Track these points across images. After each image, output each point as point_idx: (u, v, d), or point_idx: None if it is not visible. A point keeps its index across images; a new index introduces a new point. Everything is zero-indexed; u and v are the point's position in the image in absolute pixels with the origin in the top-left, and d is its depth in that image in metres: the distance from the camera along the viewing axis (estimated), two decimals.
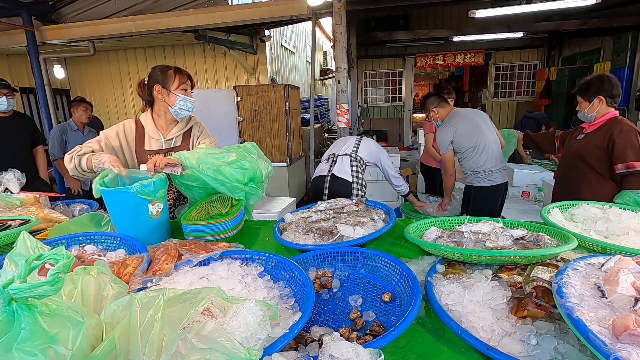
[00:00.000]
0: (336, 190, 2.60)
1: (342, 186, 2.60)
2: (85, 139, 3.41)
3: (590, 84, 2.08)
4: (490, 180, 2.62)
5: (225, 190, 1.48)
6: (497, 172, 2.63)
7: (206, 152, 1.46)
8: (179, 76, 1.68)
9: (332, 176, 2.64)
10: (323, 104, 7.59)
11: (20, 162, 2.40)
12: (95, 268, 0.81)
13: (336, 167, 2.67)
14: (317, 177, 2.74)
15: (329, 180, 2.64)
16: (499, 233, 1.10)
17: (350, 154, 2.70)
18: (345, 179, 2.60)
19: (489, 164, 2.61)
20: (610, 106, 2.06)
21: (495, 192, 2.65)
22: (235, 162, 1.46)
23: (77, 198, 3.43)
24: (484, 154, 2.61)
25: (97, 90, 7.37)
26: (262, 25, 5.93)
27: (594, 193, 1.97)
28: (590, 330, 0.59)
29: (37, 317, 0.57)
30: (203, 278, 0.91)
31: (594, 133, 2.07)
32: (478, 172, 2.64)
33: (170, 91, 1.66)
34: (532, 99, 8.84)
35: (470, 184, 2.71)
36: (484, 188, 2.64)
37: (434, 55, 8.87)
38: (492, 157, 2.62)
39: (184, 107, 1.70)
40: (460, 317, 0.80)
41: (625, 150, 1.91)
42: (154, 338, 0.57)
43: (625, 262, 0.76)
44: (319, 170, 2.79)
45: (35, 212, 1.55)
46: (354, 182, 2.60)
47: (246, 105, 4.52)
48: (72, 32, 5.22)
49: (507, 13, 5.46)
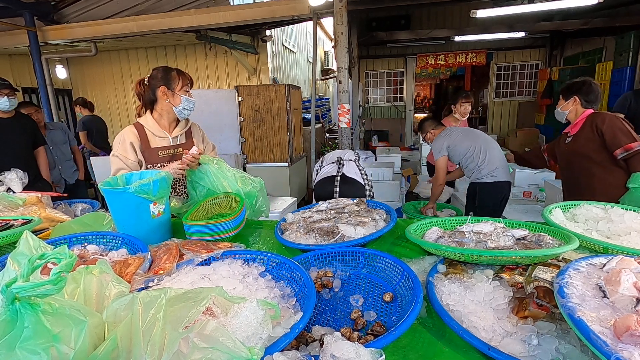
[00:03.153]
0: (347, 191, 2.50)
1: (354, 188, 2.52)
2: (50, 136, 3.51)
3: (571, 85, 2.16)
4: (493, 176, 2.71)
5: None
6: (499, 170, 2.71)
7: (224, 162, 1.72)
8: (182, 78, 1.76)
9: (343, 176, 2.53)
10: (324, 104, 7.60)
11: (21, 163, 2.40)
12: (97, 267, 0.82)
13: (345, 168, 2.59)
14: (323, 179, 2.61)
15: (340, 181, 2.53)
16: (501, 233, 1.10)
17: (355, 160, 2.71)
18: (357, 180, 2.55)
19: (490, 163, 2.71)
20: (584, 108, 2.11)
21: (497, 188, 2.73)
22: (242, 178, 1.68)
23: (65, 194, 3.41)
24: (482, 154, 2.73)
25: (98, 90, 7.39)
26: (264, 25, 5.93)
27: (606, 185, 1.98)
28: (591, 331, 0.59)
29: (39, 316, 0.58)
30: (204, 278, 0.91)
31: (580, 131, 2.09)
32: (480, 169, 2.73)
33: (175, 92, 1.74)
34: (534, 98, 8.82)
35: (474, 181, 2.80)
36: (487, 184, 2.72)
37: (435, 55, 8.86)
38: (493, 157, 2.72)
39: (187, 107, 1.79)
40: (461, 317, 0.80)
41: (616, 134, 1.93)
42: (156, 337, 0.57)
43: (627, 263, 0.76)
44: (324, 172, 2.66)
45: (37, 211, 1.55)
46: (365, 184, 2.56)
47: (247, 105, 4.53)
48: (74, 33, 5.24)
49: (509, 13, 5.45)
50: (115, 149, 1.71)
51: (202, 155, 1.68)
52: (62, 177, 3.65)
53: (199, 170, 1.68)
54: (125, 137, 1.72)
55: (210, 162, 1.67)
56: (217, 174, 1.64)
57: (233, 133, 4.62)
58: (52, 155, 3.54)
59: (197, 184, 1.68)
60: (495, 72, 9.12)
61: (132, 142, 1.71)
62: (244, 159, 4.67)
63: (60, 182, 3.64)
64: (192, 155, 1.62)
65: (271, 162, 4.64)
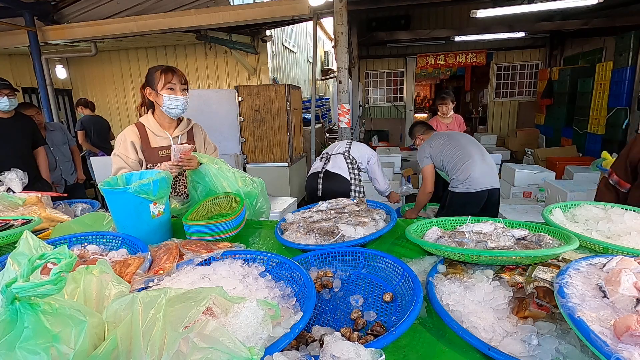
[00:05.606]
0: (330, 187, 2.60)
1: (338, 183, 2.60)
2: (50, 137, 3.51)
3: None
4: (464, 187, 2.54)
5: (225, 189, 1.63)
6: (474, 180, 2.52)
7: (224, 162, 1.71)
8: (164, 75, 1.69)
9: (326, 173, 2.64)
10: (324, 104, 7.60)
11: (21, 163, 2.40)
12: (97, 267, 0.82)
13: (330, 164, 2.68)
14: (310, 175, 2.76)
15: (323, 177, 2.64)
16: (501, 233, 1.10)
17: (343, 152, 2.73)
18: (342, 176, 2.61)
19: (463, 172, 2.54)
20: None
21: (470, 199, 2.55)
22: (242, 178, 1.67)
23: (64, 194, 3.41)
24: (457, 162, 2.57)
25: (98, 90, 7.40)
26: (264, 25, 5.94)
27: None
28: (591, 331, 0.59)
29: (39, 316, 0.58)
30: (204, 278, 0.91)
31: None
32: (454, 178, 2.60)
33: (157, 92, 1.71)
34: (534, 99, 8.83)
35: (449, 189, 2.67)
36: (457, 194, 2.58)
37: (435, 55, 8.87)
38: (470, 165, 2.53)
39: (172, 105, 1.72)
40: (461, 317, 0.80)
41: None
42: (156, 337, 0.57)
43: (627, 263, 0.76)
44: (312, 168, 2.81)
45: (37, 211, 1.55)
46: (351, 179, 2.61)
47: (247, 105, 4.53)
48: (74, 33, 5.24)
49: (509, 13, 5.45)
50: (117, 148, 1.72)
51: (202, 155, 1.68)
52: (63, 177, 3.65)
53: (199, 170, 1.68)
54: (127, 137, 1.73)
55: (210, 162, 1.66)
56: (217, 174, 1.65)
57: (233, 133, 4.62)
58: (53, 155, 3.54)
59: (197, 184, 1.69)
60: (495, 72, 9.13)
61: (133, 142, 1.72)
62: (244, 159, 4.67)
63: (61, 182, 3.64)
64: (182, 154, 1.61)
65: (271, 162, 4.64)
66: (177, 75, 1.71)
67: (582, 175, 4.05)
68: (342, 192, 2.56)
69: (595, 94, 6.30)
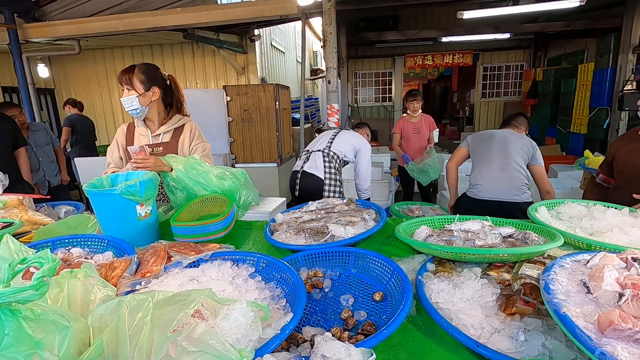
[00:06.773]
0: (306, 187, 2.63)
1: (313, 183, 2.61)
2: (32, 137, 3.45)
3: None
4: (472, 192, 2.47)
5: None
6: (481, 186, 2.42)
7: (196, 161, 1.56)
8: (120, 76, 1.68)
9: (303, 172, 2.67)
10: (313, 104, 7.59)
11: (1, 164, 2.33)
12: (82, 271, 0.80)
13: (308, 163, 2.69)
14: (292, 173, 2.79)
15: (300, 177, 2.67)
16: (488, 231, 1.12)
17: (323, 150, 2.70)
18: (317, 176, 2.61)
19: (475, 176, 2.47)
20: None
21: (474, 204, 2.44)
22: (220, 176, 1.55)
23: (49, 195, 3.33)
24: (476, 164, 2.50)
25: (82, 89, 7.24)
26: (252, 25, 5.90)
27: None
28: (576, 326, 0.60)
29: (21, 323, 0.56)
30: (193, 280, 0.90)
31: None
32: (470, 180, 2.54)
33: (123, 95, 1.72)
34: (519, 99, 9.00)
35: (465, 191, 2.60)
36: (465, 196, 2.54)
37: (423, 55, 8.96)
38: (484, 171, 2.42)
39: (128, 106, 1.70)
40: (450, 314, 0.81)
41: None
42: (143, 342, 0.56)
43: (609, 259, 0.78)
44: (295, 166, 2.84)
45: (19, 214, 1.51)
46: (326, 178, 2.61)
47: (236, 105, 4.49)
48: (57, 31, 5.12)
49: (495, 14, 5.55)
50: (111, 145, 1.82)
51: (173, 157, 1.57)
52: (46, 179, 3.56)
53: (172, 173, 1.55)
54: (116, 134, 1.82)
55: (179, 164, 1.54)
56: (186, 176, 1.53)
57: (221, 133, 4.58)
58: (36, 156, 3.45)
59: (174, 187, 1.57)
60: (482, 72, 9.28)
61: (118, 139, 1.80)
62: (232, 159, 4.64)
63: (44, 184, 3.55)
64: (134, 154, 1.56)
65: (260, 162, 4.61)
66: (122, 76, 1.69)
67: (566, 174, 4.13)
68: (317, 191, 2.57)
69: (577, 94, 6.46)
